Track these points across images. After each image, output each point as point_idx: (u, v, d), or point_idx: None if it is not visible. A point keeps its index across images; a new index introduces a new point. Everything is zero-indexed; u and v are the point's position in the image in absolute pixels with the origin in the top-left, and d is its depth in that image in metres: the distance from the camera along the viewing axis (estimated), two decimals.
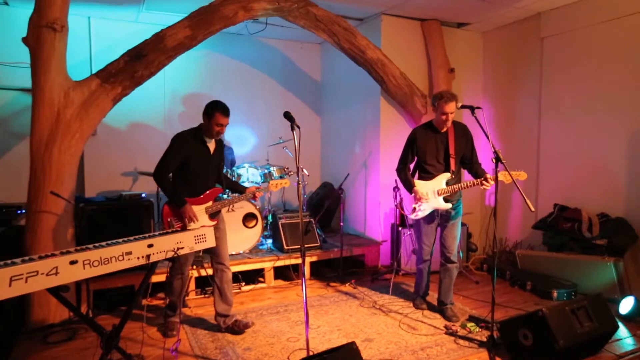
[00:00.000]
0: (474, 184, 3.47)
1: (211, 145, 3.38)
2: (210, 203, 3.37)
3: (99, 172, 5.34)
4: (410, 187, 3.68)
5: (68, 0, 3.55)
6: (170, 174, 3.31)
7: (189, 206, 3.23)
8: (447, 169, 3.62)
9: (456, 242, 3.71)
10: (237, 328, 3.44)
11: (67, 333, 3.41)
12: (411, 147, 3.73)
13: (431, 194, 3.60)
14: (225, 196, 3.97)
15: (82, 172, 5.23)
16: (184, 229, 3.12)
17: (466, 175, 3.83)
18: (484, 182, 3.41)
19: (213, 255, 3.43)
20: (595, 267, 4.16)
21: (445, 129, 3.63)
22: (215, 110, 3.22)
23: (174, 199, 3.23)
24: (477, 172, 3.62)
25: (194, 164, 3.27)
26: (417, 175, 3.79)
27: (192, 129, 3.34)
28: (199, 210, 3.31)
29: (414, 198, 3.69)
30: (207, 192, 3.37)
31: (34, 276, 2.06)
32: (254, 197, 3.53)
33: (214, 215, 3.40)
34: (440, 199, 3.57)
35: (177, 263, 3.30)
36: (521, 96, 5.41)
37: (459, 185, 3.53)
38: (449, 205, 3.58)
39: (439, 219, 3.71)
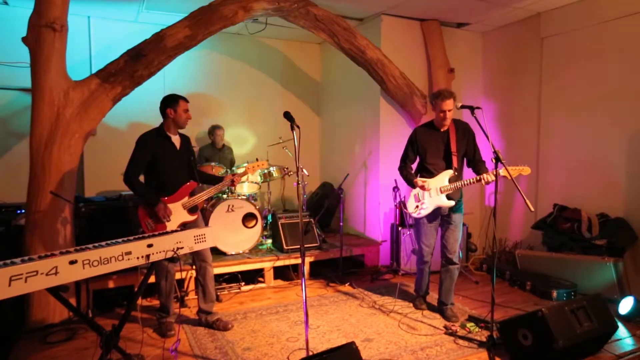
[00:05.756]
0: (475, 181, 3.47)
1: (176, 141, 3.39)
2: (186, 199, 3.38)
3: (99, 172, 5.34)
4: (412, 182, 3.68)
5: (68, 0, 3.56)
6: (142, 178, 3.30)
7: (162, 204, 3.21)
8: (449, 167, 3.62)
9: (457, 243, 3.69)
10: (216, 326, 3.47)
11: (66, 333, 3.41)
12: (412, 146, 3.75)
13: (434, 191, 3.60)
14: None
15: (82, 172, 5.23)
16: (163, 229, 3.10)
17: (469, 174, 3.82)
18: (483, 176, 3.40)
19: (195, 253, 3.42)
20: (595, 267, 4.16)
21: (445, 128, 3.64)
22: (179, 98, 3.33)
23: (147, 198, 3.22)
24: (480, 170, 3.59)
25: (162, 162, 3.28)
26: (419, 175, 3.78)
27: (155, 128, 3.36)
28: (176, 207, 3.31)
29: (417, 193, 3.67)
30: (181, 188, 3.37)
31: (34, 276, 2.06)
32: (233, 184, 3.55)
33: (192, 210, 3.41)
34: (443, 196, 3.57)
35: (160, 264, 3.29)
36: (521, 96, 5.41)
37: (461, 182, 3.54)
38: (451, 203, 3.58)
39: (441, 219, 3.71)
